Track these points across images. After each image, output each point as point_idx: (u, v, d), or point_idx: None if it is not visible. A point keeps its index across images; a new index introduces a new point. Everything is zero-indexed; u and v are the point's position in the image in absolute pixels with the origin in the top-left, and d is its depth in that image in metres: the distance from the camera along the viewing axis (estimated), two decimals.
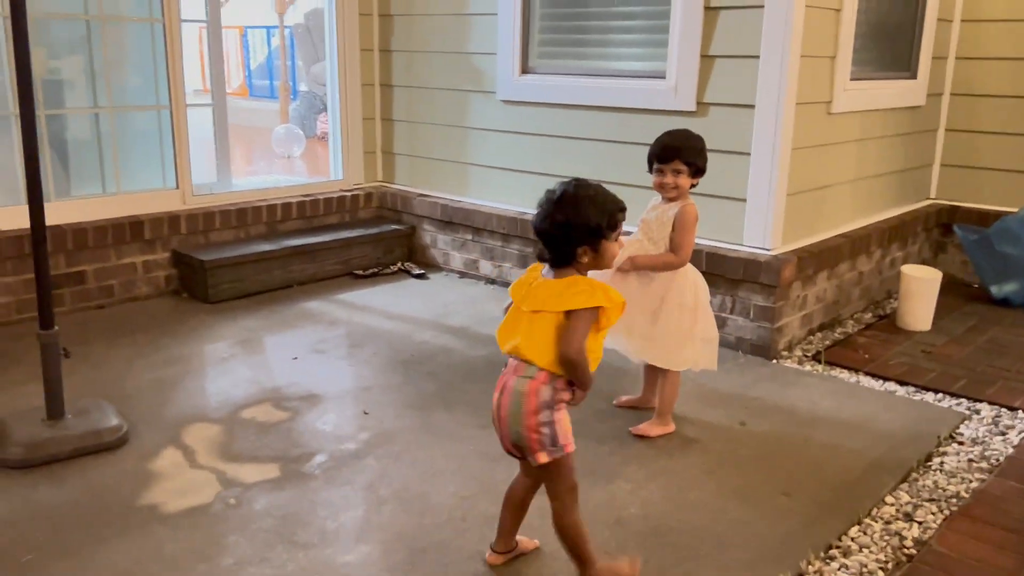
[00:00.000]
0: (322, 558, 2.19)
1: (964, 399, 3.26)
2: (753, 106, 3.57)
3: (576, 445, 2.02)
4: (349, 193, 5.07)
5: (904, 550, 2.28)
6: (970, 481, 2.65)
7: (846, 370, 3.53)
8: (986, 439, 2.94)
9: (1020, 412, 3.14)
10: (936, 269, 4.08)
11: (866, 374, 3.49)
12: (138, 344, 3.63)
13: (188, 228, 4.33)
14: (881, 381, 3.44)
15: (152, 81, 4.31)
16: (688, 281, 2.80)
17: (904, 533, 2.35)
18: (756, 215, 3.64)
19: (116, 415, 2.82)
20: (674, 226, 2.74)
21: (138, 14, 4.28)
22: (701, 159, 2.76)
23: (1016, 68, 4.58)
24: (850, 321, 4.17)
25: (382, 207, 5.20)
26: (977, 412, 3.15)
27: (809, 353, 3.71)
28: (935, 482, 2.64)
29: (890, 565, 2.22)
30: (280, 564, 2.15)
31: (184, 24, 4.32)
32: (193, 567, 2.13)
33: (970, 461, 2.78)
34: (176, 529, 2.29)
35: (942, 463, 2.76)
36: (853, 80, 3.90)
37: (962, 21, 4.72)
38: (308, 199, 4.86)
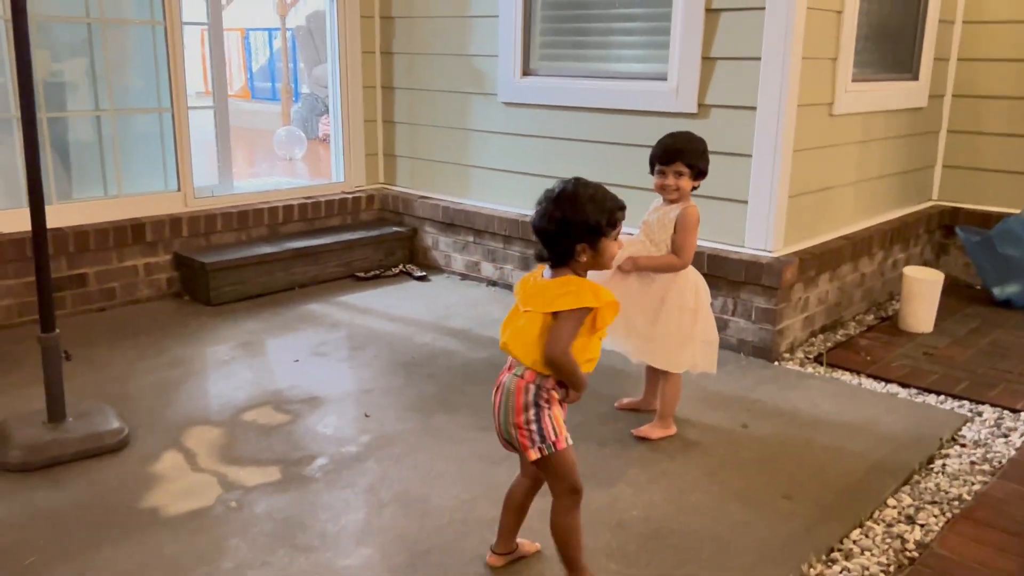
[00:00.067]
0: (323, 561, 2.18)
1: (966, 401, 3.25)
2: (754, 108, 3.57)
3: (577, 447, 2.02)
4: (351, 195, 5.07)
5: (906, 553, 2.28)
6: (972, 484, 2.64)
7: (848, 372, 3.53)
8: (988, 441, 2.93)
9: (1022, 414, 3.14)
10: (938, 271, 4.07)
11: (868, 376, 3.49)
12: (139, 347, 3.63)
13: (190, 230, 4.34)
14: (883, 383, 3.43)
15: (154, 83, 4.31)
16: (689, 283, 2.80)
17: (906, 536, 2.35)
18: (758, 217, 3.64)
19: (117, 418, 2.82)
20: (676, 228, 2.74)
21: (140, 16, 4.28)
22: (703, 161, 2.76)
23: (1018, 69, 4.58)
24: (852, 323, 4.16)
25: (383, 209, 5.20)
26: (979, 414, 3.15)
27: (811, 355, 3.70)
28: (937, 484, 2.64)
29: (892, 568, 2.21)
30: (281, 567, 2.15)
31: (186, 26, 4.32)
32: (194, 570, 2.13)
33: (972, 463, 2.77)
34: (177, 532, 2.29)
35: (944, 465, 2.76)
36: (855, 82, 3.90)
37: (964, 22, 4.71)
38: (310, 201, 4.86)
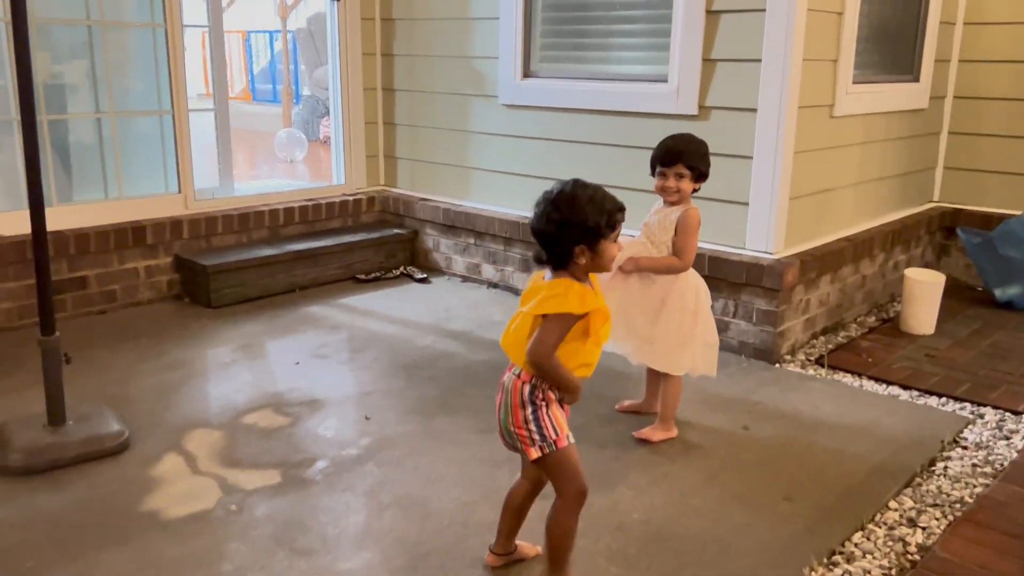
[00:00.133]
0: (323, 564, 2.18)
1: (968, 403, 3.24)
2: (755, 110, 3.57)
3: (578, 450, 2.01)
4: (351, 197, 5.07)
5: (908, 556, 2.27)
6: (974, 486, 2.63)
7: (849, 374, 3.52)
8: (990, 443, 2.92)
9: None
10: (939, 272, 4.07)
11: (869, 378, 3.48)
12: (140, 349, 3.63)
13: (190, 233, 4.34)
14: (884, 385, 3.42)
15: (154, 86, 4.31)
16: (690, 285, 2.80)
17: (908, 539, 2.34)
18: (758, 219, 3.63)
19: (117, 421, 2.82)
20: (677, 230, 2.74)
21: (140, 19, 4.28)
22: (704, 164, 2.75)
23: (1019, 71, 4.57)
24: (853, 325, 4.15)
25: (384, 211, 5.20)
26: (981, 416, 3.14)
27: (812, 357, 3.70)
28: (939, 487, 2.63)
29: (893, 571, 2.20)
30: (281, 571, 2.15)
31: (187, 28, 4.33)
32: (193, 573, 2.13)
33: (974, 466, 2.77)
34: (177, 535, 2.29)
35: (946, 468, 2.75)
36: (855, 83, 3.90)
37: (964, 24, 4.71)
38: (310, 203, 4.86)
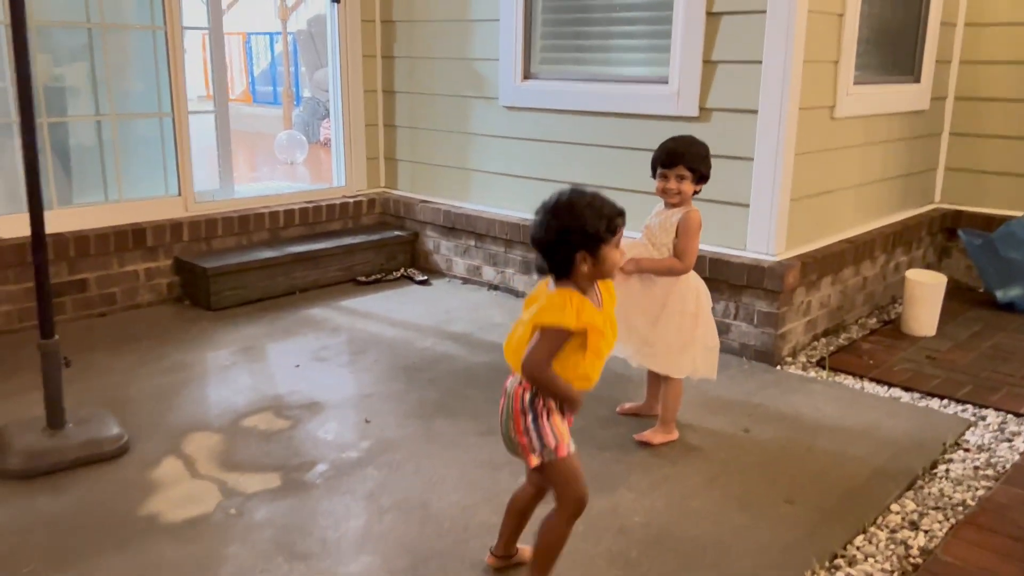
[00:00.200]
0: (323, 568, 2.17)
1: (970, 405, 3.23)
2: (756, 111, 3.56)
3: (578, 452, 2.00)
4: (352, 199, 5.06)
5: (910, 559, 2.26)
6: (976, 489, 2.62)
7: (850, 376, 3.51)
8: (992, 446, 2.91)
9: None
10: (940, 274, 4.06)
11: (870, 380, 3.47)
12: (140, 352, 3.62)
13: (190, 235, 4.33)
14: (886, 387, 3.42)
15: (154, 88, 4.31)
16: (690, 288, 2.79)
17: (910, 542, 2.33)
18: (759, 220, 3.62)
19: (117, 424, 2.81)
20: (678, 232, 2.73)
21: (140, 21, 4.28)
22: (705, 166, 2.75)
23: (1020, 71, 4.56)
24: (854, 327, 4.14)
25: (385, 213, 5.19)
26: (983, 419, 3.13)
27: (813, 359, 3.69)
28: (941, 490, 2.62)
29: (896, 575, 2.20)
30: (281, 575, 2.14)
31: (187, 31, 4.32)
32: None
33: (976, 468, 2.76)
34: (176, 540, 2.28)
35: (948, 471, 2.74)
36: (856, 84, 3.89)
37: (965, 25, 4.70)
38: (311, 205, 4.86)
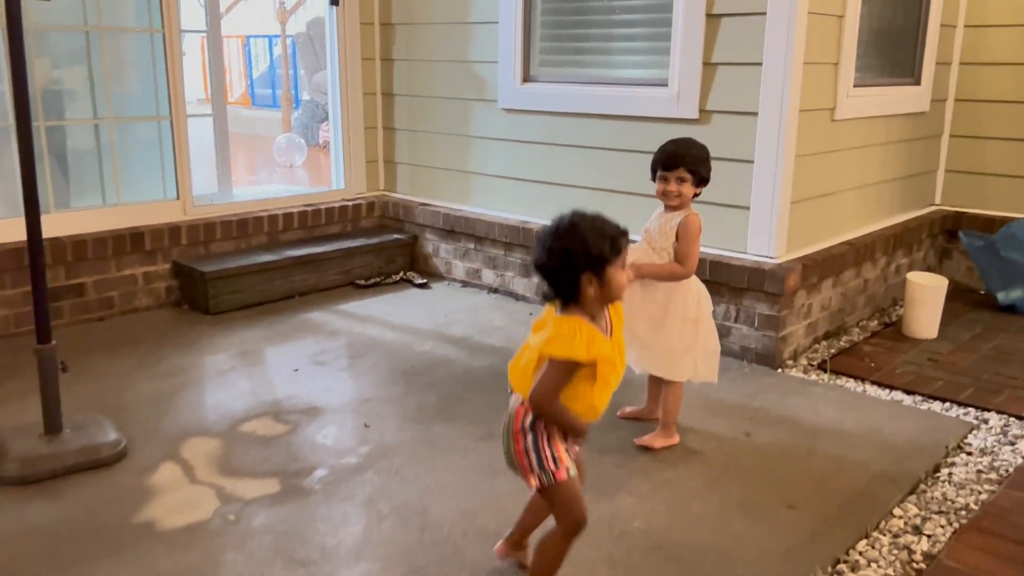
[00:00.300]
0: (321, 575, 2.15)
1: (972, 408, 3.22)
2: (756, 113, 3.55)
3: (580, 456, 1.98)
4: (351, 202, 5.05)
5: (913, 564, 2.24)
6: (979, 492, 2.61)
7: (852, 379, 3.50)
8: (995, 449, 2.90)
9: None
10: (941, 276, 4.05)
11: (872, 383, 3.45)
12: (138, 356, 3.61)
13: (189, 239, 4.31)
14: (887, 390, 3.40)
15: (153, 91, 4.30)
16: (691, 292, 2.77)
17: (913, 547, 2.32)
18: (760, 223, 3.61)
19: (114, 429, 2.80)
20: (678, 237, 2.71)
21: (138, 24, 4.27)
22: (705, 168, 2.73)
23: (1020, 73, 4.55)
24: (855, 329, 4.13)
25: (384, 216, 5.18)
26: (985, 422, 3.11)
27: (814, 362, 3.67)
28: (944, 494, 2.60)
29: None
30: None
31: (185, 34, 4.31)
32: None
33: (979, 472, 2.74)
34: (173, 546, 2.26)
35: (950, 474, 2.73)
36: (856, 86, 3.88)
37: (965, 26, 4.69)
38: (309, 209, 4.84)
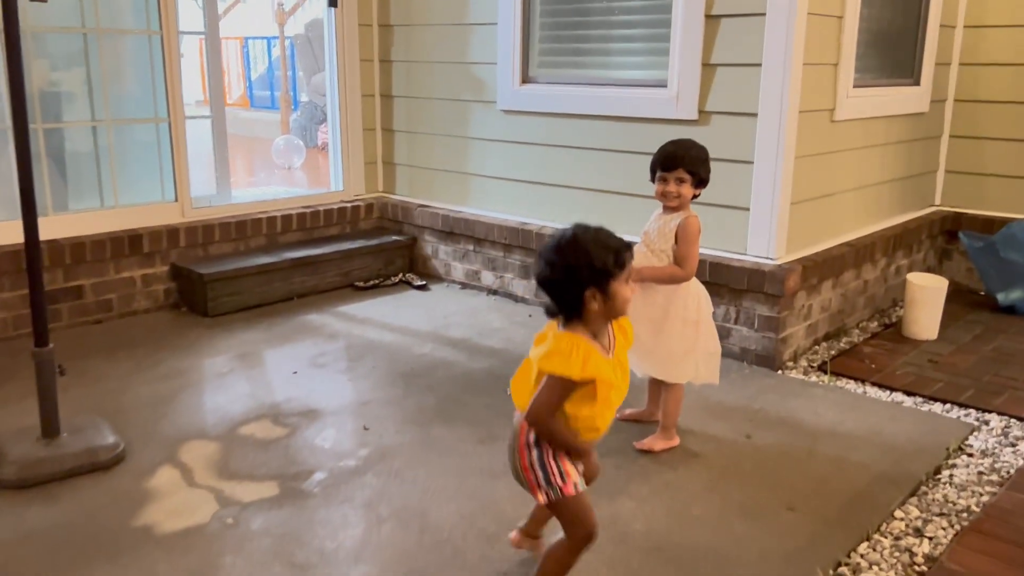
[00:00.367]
0: None
1: (972, 409, 3.21)
2: (755, 114, 3.54)
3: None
4: (349, 204, 5.04)
5: (915, 567, 2.23)
6: (980, 494, 2.60)
7: (852, 380, 3.49)
8: (996, 451, 2.89)
9: None
10: (942, 277, 4.04)
11: (872, 384, 3.44)
12: (136, 359, 3.60)
13: (187, 241, 4.30)
14: (888, 392, 3.39)
15: (150, 93, 4.29)
16: (691, 294, 2.76)
17: (915, 549, 2.31)
18: (760, 224, 3.60)
19: (112, 433, 2.78)
20: (677, 239, 2.71)
21: (136, 26, 4.25)
22: (704, 169, 2.73)
23: (1020, 73, 4.54)
24: (855, 330, 4.12)
25: (383, 218, 5.17)
26: (986, 423, 3.10)
27: (815, 363, 3.66)
28: (945, 496, 2.59)
29: None
30: None
31: (184, 35, 4.30)
32: None
33: (980, 474, 2.73)
34: (171, 551, 2.25)
35: (951, 476, 2.72)
36: (856, 87, 3.87)
37: (965, 27, 4.68)
38: (308, 211, 4.83)
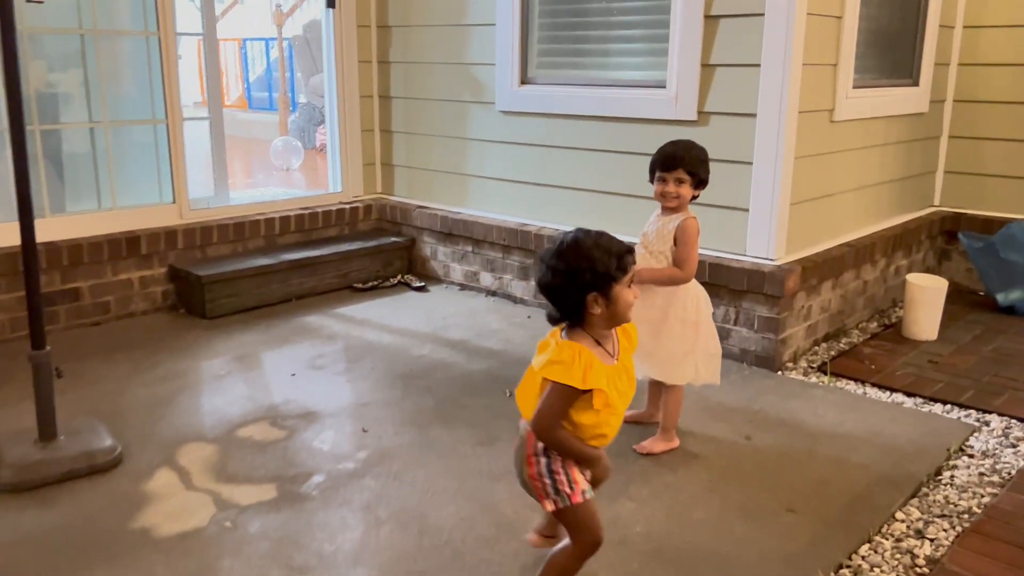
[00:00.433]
0: None
1: (973, 410, 3.20)
2: (755, 115, 3.53)
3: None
4: (348, 205, 5.03)
5: (916, 569, 2.22)
6: (982, 496, 2.59)
7: (852, 381, 3.48)
8: (997, 452, 2.88)
9: None
10: (941, 277, 4.03)
11: (872, 385, 3.44)
12: (134, 361, 3.58)
13: (185, 243, 4.29)
14: (888, 392, 3.38)
15: (148, 95, 4.27)
16: (690, 295, 2.75)
17: (916, 551, 2.30)
18: (759, 225, 3.59)
19: (110, 435, 2.77)
20: (676, 241, 2.70)
21: (133, 27, 4.24)
22: (704, 170, 2.72)
23: (1019, 74, 4.54)
24: (855, 331, 4.11)
25: (381, 219, 5.16)
26: (987, 424, 3.09)
27: (814, 364, 3.65)
28: (946, 497, 2.58)
29: None
30: None
31: (182, 37, 4.28)
32: None
33: (981, 475, 2.72)
34: (168, 554, 2.24)
35: (952, 477, 2.71)
36: (855, 88, 3.86)
37: (964, 27, 4.68)
38: (307, 212, 4.82)
